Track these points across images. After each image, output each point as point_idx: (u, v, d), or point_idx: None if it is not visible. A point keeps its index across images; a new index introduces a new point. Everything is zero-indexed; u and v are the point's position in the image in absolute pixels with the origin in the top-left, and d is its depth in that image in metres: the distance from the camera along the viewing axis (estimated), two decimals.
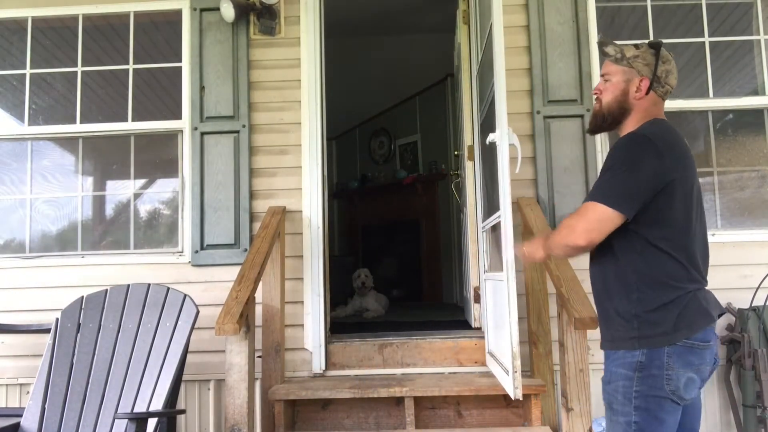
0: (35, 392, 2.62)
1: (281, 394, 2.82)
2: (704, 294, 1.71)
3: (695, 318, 1.64)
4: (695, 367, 1.61)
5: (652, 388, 1.59)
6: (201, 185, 3.34)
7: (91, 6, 3.54)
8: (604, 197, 1.65)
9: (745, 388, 2.94)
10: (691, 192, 1.70)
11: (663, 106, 1.89)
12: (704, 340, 1.62)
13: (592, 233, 1.65)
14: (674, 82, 1.88)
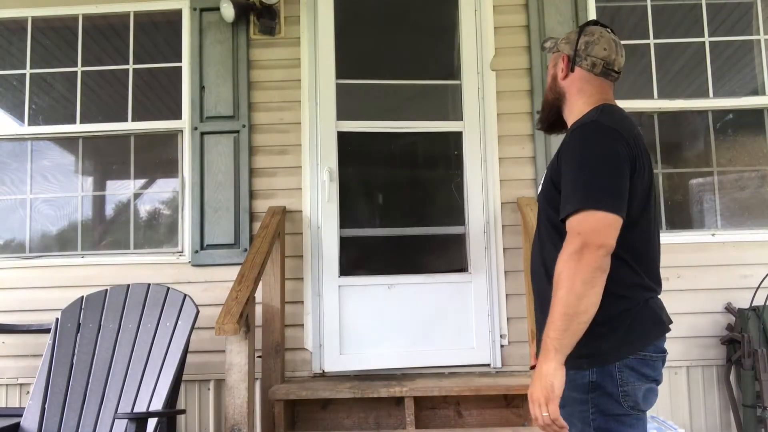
0: (35, 392, 2.62)
1: (281, 394, 2.82)
2: (657, 302, 1.51)
3: (648, 329, 1.45)
4: (652, 378, 1.45)
5: (610, 407, 1.42)
6: (201, 185, 3.34)
7: (91, 6, 3.55)
8: (595, 200, 1.38)
9: (745, 388, 2.94)
10: (650, 188, 1.50)
11: (607, 86, 1.63)
12: (658, 351, 1.46)
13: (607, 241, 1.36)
14: (602, 53, 1.59)
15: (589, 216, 1.37)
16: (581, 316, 1.34)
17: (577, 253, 1.34)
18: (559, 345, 1.35)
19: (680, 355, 3.15)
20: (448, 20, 4.17)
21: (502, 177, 3.29)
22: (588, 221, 1.36)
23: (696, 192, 3.59)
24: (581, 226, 1.37)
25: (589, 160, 1.42)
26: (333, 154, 3.37)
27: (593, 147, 1.44)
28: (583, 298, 1.33)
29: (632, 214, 1.42)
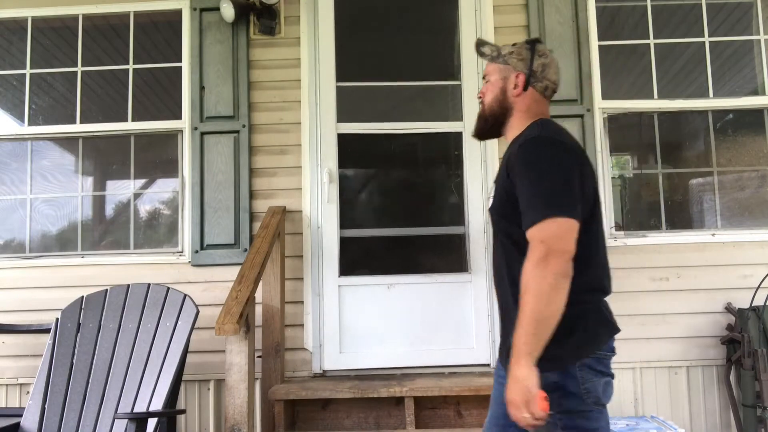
0: (35, 392, 2.62)
1: (281, 394, 2.82)
2: (606, 304, 1.58)
3: (601, 331, 1.54)
4: (607, 374, 1.52)
5: (574, 405, 1.47)
6: (201, 185, 3.34)
7: (91, 6, 3.55)
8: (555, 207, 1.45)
9: (745, 388, 2.94)
10: (596, 193, 1.59)
11: (547, 106, 1.75)
12: (609, 350, 1.54)
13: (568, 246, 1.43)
14: (554, 77, 1.71)
15: (551, 223, 1.43)
16: (549, 320, 1.40)
17: (543, 260, 1.40)
18: (530, 349, 1.39)
19: (680, 355, 3.15)
20: (448, 20, 4.17)
21: None
22: (550, 228, 1.43)
23: (696, 192, 3.59)
24: (543, 234, 1.43)
25: (544, 171, 1.49)
26: (333, 156, 3.37)
27: (546, 159, 1.51)
28: (551, 303, 1.39)
29: (583, 219, 1.49)
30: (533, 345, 1.39)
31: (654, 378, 3.16)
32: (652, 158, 3.55)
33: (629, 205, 3.60)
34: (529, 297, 1.41)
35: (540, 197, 1.47)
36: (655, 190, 3.44)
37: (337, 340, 3.26)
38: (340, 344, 3.26)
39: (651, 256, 3.20)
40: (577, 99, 3.30)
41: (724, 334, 3.10)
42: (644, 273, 3.19)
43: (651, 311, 3.16)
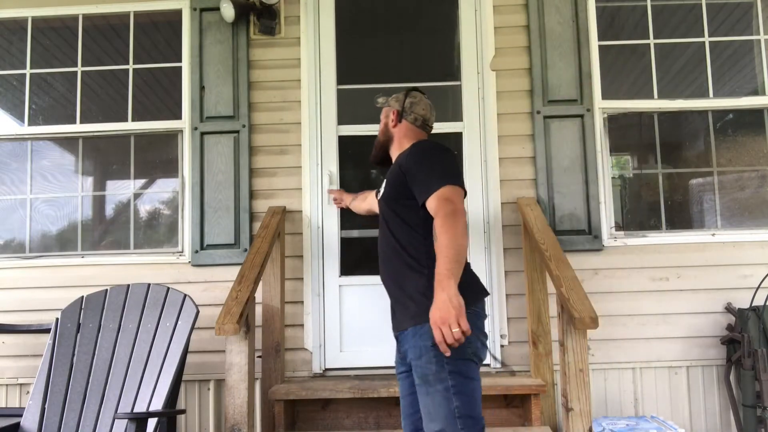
0: (35, 392, 2.62)
1: (281, 394, 2.82)
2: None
3: (477, 287, 1.92)
4: (483, 332, 1.86)
5: (459, 352, 1.73)
6: (201, 185, 3.34)
7: (91, 6, 3.55)
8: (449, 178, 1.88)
9: (745, 388, 2.94)
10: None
11: (423, 135, 2.21)
12: (484, 308, 1.90)
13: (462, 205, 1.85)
14: (422, 111, 2.21)
15: (452, 189, 1.86)
16: (463, 252, 1.77)
17: (453, 213, 1.79)
18: (453, 274, 1.71)
19: (680, 355, 3.15)
20: (448, 20, 4.18)
21: (502, 177, 3.29)
22: (453, 192, 1.85)
23: (696, 192, 3.59)
24: (448, 195, 1.84)
25: (436, 157, 1.95)
26: (334, 158, 3.38)
27: (433, 152, 1.98)
28: (463, 240, 1.76)
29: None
30: (456, 270, 1.71)
31: (654, 378, 3.16)
32: (652, 158, 3.55)
33: (629, 205, 3.60)
34: (446, 238, 1.75)
35: (436, 174, 1.89)
36: (655, 190, 3.44)
37: (338, 339, 3.26)
38: (340, 344, 3.26)
39: (651, 256, 3.20)
40: (577, 99, 3.30)
41: (724, 334, 3.10)
42: (644, 273, 3.19)
43: (651, 311, 3.16)
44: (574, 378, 2.40)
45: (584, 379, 2.40)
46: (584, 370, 2.41)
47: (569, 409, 2.40)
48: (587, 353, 2.43)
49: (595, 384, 3.12)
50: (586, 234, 3.21)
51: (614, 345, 3.14)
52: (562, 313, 2.47)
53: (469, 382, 1.77)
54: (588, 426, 2.38)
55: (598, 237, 3.20)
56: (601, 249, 3.21)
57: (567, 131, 3.27)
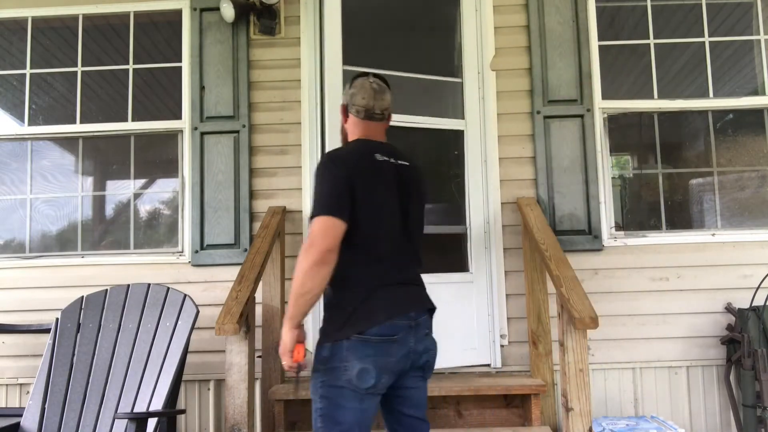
0: (35, 392, 2.62)
1: (281, 394, 2.82)
2: (394, 291, 1.83)
3: (371, 315, 1.76)
4: (371, 359, 1.73)
5: (333, 379, 1.75)
6: (201, 185, 3.34)
7: (91, 6, 3.55)
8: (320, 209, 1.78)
9: (745, 388, 2.94)
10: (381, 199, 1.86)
11: (368, 126, 2.00)
12: (380, 335, 1.74)
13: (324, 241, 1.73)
14: (361, 101, 1.98)
15: (317, 221, 1.75)
16: (305, 296, 1.73)
17: (306, 248, 1.72)
18: (290, 315, 1.76)
19: (680, 355, 3.15)
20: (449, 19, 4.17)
21: (502, 177, 3.29)
22: (316, 225, 1.74)
23: (696, 192, 3.59)
24: (313, 228, 1.75)
25: (319, 179, 1.85)
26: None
27: (321, 169, 1.87)
28: (305, 284, 1.71)
29: (358, 219, 1.79)
30: (292, 312, 1.75)
31: (654, 378, 3.16)
32: (652, 158, 3.55)
33: (629, 205, 3.60)
34: (295, 272, 1.74)
35: (315, 202, 1.82)
36: (655, 190, 3.44)
37: None
38: None
39: (651, 256, 3.20)
40: (577, 99, 3.30)
41: (724, 334, 3.10)
42: (644, 273, 3.19)
43: (651, 311, 3.16)
44: (574, 378, 2.40)
45: (584, 379, 2.40)
46: (584, 370, 2.41)
47: (569, 409, 2.40)
48: (587, 353, 2.43)
49: (595, 384, 3.12)
50: (586, 234, 3.21)
51: (614, 345, 3.14)
52: (562, 313, 2.47)
53: (336, 408, 1.77)
54: (588, 426, 2.38)
55: (598, 237, 3.20)
56: (601, 249, 3.21)
57: (567, 131, 3.27)
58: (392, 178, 1.90)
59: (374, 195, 1.85)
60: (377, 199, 1.85)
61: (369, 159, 1.90)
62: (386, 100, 2.02)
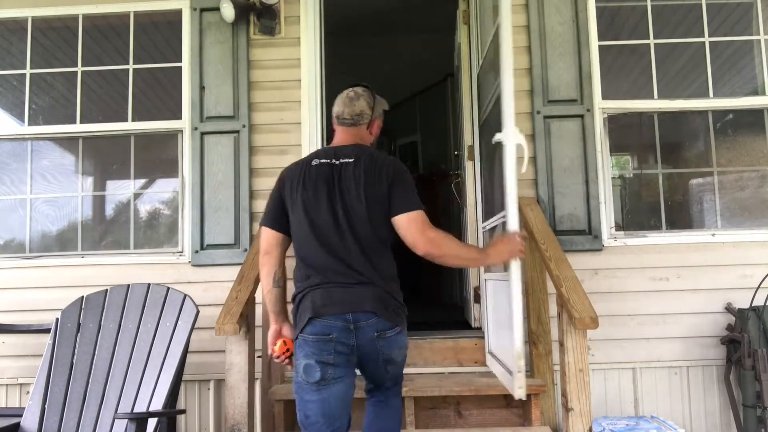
0: (35, 392, 2.62)
1: (281, 394, 2.82)
2: (324, 292, 1.89)
3: (303, 315, 1.90)
4: (314, 356, 1.86)
5: (294, 375, 1.93)
6: (201, 185, 3.34)
7: (91, 6, 3.55)
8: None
9: (745, 388, 2.94)
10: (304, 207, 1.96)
11: (341, 130, 2.16)
12: (314, 333, 1.86)
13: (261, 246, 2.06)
14: (336, 108, 2.17)
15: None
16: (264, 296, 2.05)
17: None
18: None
19: (680, 355, 3.15)
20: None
21: None
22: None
23: (696, 192, 3.59)
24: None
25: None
26: None
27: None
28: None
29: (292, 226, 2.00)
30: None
31: (654, 378, 3.16)
32: (652, 158, 3.55)
33: (629, 205, 3.60)
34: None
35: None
36: (655, 190, 3.44)
37: None
38: None
39: (651, 256, 3.20)
40: (577, 99, 3.29)
41: (724, 334, 3.10)
42: (644, 273, 3.19)
43: (651, 311, 3.16)
44: (574, 378, 2.40)
45: (584, 379, 2.40)
46: (584, 370, 2.41)
47: (569, 409, 2.40)
48: (587, 353, 2.43)
49: (595, 384, 3.12)
50: (586, 234, 3.21)
51: (614, 345, 3.14)
52: (562, 313, 2.47)
53: (301, 401, 1.91)
54: (588, 426, 2.38)
55: (598, 237, 3.20)
56: (601, 249, 3.21)
57: (567, 131, 3.27)
58: (324, 179, 1.97)
59: (295, 201, 1.98)
60: (297, 204, 1.97)
61: (302, 167, 2.03)
62: (357, 107, 2.13)
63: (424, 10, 4.78)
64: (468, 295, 3.70)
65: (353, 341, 1.86)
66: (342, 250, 1.91)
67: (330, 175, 1.98)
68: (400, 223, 1.95)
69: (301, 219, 1.96)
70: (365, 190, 1.94)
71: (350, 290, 1.89)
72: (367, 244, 1.93)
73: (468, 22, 3.54)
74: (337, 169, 1.98)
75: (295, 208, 1.97)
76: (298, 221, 1.96)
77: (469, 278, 3.62)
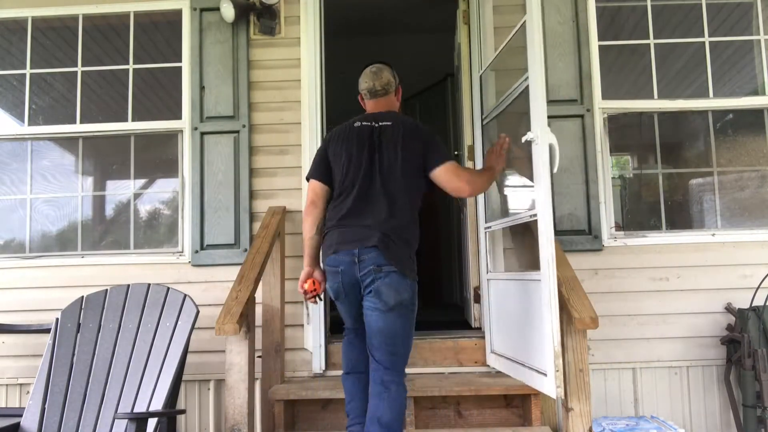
0: (35, 392, 2.62)
1: (281, 394, 2.82)
2: (343, 231, 2.27)
3: (326, 250, 2.32)
4: (330, 282, 2.34)
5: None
6: (201, 185, 3.34)
7: (91, 6, 3.55)
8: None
9: (745, 388, 2.94)
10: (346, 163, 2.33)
11: (369, 103, 2.51)
12: (329, 265, 2.30)
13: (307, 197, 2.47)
14: (361, 84, 2.50)
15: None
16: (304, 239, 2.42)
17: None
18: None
19: (680, 355, 3.15)
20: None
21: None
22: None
23: (696, 192, 3.59)
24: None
25: None
26: None
27: None
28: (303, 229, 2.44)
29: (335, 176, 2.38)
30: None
31: (654, 378, 3.16)
32: (652, 158, 3.55)
33: (629, 205, 3.60)
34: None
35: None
36: (655, 190, 3.44)
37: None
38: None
39: (651, 256, 3.20)
40: (577, 99, 3.29)
41: (724, 334, 3.10)
42: (644, 273, 3.19)
43: (651, 311, 3.16)
44: (574, 378, 2.41)
45: (584, 379, 2.41)
46: (584, 370, 2.41)
47: (569, 409, 2.41)
48: (587, 353, 2.43)
49: (595, 384, 3.12)
50: (586, 234, 3.21)
51: (614, 345, 3.14)
52: (562, 313, 2.47)
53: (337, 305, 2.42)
54: (588, 426, 2.38)
55: (598, 237, 3.20)
56: (601, 249, 3.21)
57: (567, 131, 3.27)
58: (365, 137, 2.33)
59: (340, 155, 2.35)
60: (342, 158, 2.34)
61: (346, 128, 2.41)
62: (384, 78, 2.46)
63: (424, 10, 4.77)
64: (468, 295, 3.70)
65: (357, 272, 2.20)
66: (371, 199, 2.26)
67: (371, 134, 2.33)
68: (438, 173, 2.31)
69: (343, 170, 2.32)
70: (402, 148, 2.28)
71: (363, 231, 2.22)
72: (394, 198, 2.26)
73: (468, 22, 3.54)
74: (376, 130, 2.34)
75: (339, 161, 2.34)
76: (341, 171, 2.33)
77: (469, 278, 3.62)
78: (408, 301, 2.23)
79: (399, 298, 2.19)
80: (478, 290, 3.42)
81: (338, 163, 2.34)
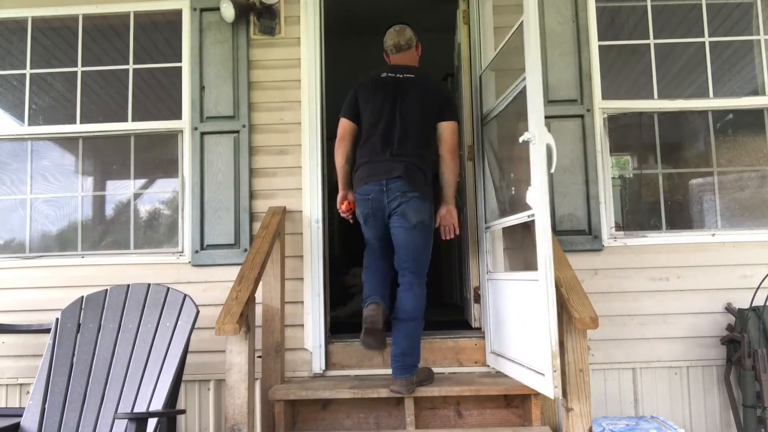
0: (35, 392, 2.62)
1: (281, 394, 2.82)
2: (372, 166, 2.76)
3: (358, 181, 2.80)
4: (360, 207, 2.81)
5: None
6: (201, 185, 3.34)
7: (91, 6, 3.55)
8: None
9: (745, 388, 2.94)
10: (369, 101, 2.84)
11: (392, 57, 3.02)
12: (360, 194, 2.79)
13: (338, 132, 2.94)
14: (387, 42, 3.01)
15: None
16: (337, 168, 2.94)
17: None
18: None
19: (680, 355, 3.15)
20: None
21: None
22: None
23: (696, 192, 3.59)
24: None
25: None
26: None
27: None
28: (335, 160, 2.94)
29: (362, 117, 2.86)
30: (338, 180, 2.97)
31: (654, 378, 3.16)
32: (652, 158, 3.55)
33: (629, 205, 3.60)
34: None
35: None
36: (655, 190, 3.44)
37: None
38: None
39: (651, 257, 3.20)
40: (577, 99, 3.29)
41: (724, 335, 3.10)
42: (644, 273, 3.19)
43: (651, 311, 3.16)
44: (574, 378, 2.41)
45: (584, 379, 2.41)
46: (584, 370, 2.41)
47: (569, 409, 2.41)
48: (587, 353, 2.43)
49: (595, 384, 3.12)
50: (586, 234, 3.21)
51: (614, 345, 3.14)
52: (562, 313, 2.47)
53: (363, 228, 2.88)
54: (588, 426, 2.38)
55: (598, 237, 3.20)
56: (601, 249, 3.21)
57: (567, 131, 3.27)
58: (390, 86, 2.81)
59: (367, 100, 2.83)
60: (369, 102, 2.82)
61: (374, 77, 2.87)
62: (407, 35, 2.97)
63: (423, 10, 4.77)
64: (468, 295, 3.70)
65: (384, 199, 2.70)
66: (394, 138, 2.74)
67: (395, 84, 2.82)
68: (443, 126, 2.78)
69: (370, 113, 2.81)
70: (422, 98, 2.77)
71: (388, 164, 2.71)
72: (413, 137, 2.74)
73: (468, 22, 3.54)
74: (400, 81, 2.82)
75: (367, 105, 2.83)
76: (367, 114, 2.82)
77: (469, 278, 3.62)
78: (427, 220, 2.74)
79: (420, 217, 2.70)
80: (478, 290, 3.42)
81: (367, 107, 2.82)
